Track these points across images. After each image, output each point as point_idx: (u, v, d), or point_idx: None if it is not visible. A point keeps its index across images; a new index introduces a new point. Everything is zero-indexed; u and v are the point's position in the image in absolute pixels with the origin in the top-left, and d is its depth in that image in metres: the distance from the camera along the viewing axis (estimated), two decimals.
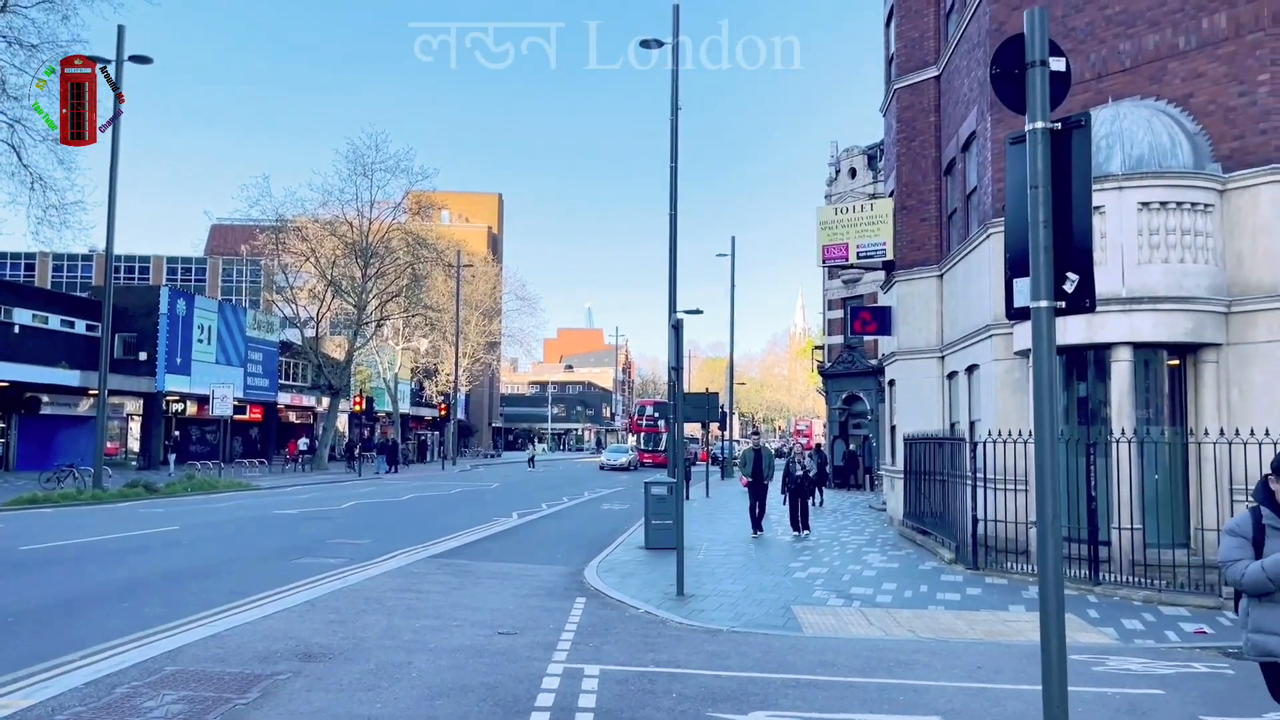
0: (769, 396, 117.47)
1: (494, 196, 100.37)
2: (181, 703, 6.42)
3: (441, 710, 6.45)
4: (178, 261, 71.72)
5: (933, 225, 20.44)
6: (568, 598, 11.41)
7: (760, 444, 20.23)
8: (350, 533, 18.17)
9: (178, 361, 43.73)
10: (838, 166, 41.35)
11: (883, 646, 9.05)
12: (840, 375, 40.10)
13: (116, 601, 10.38)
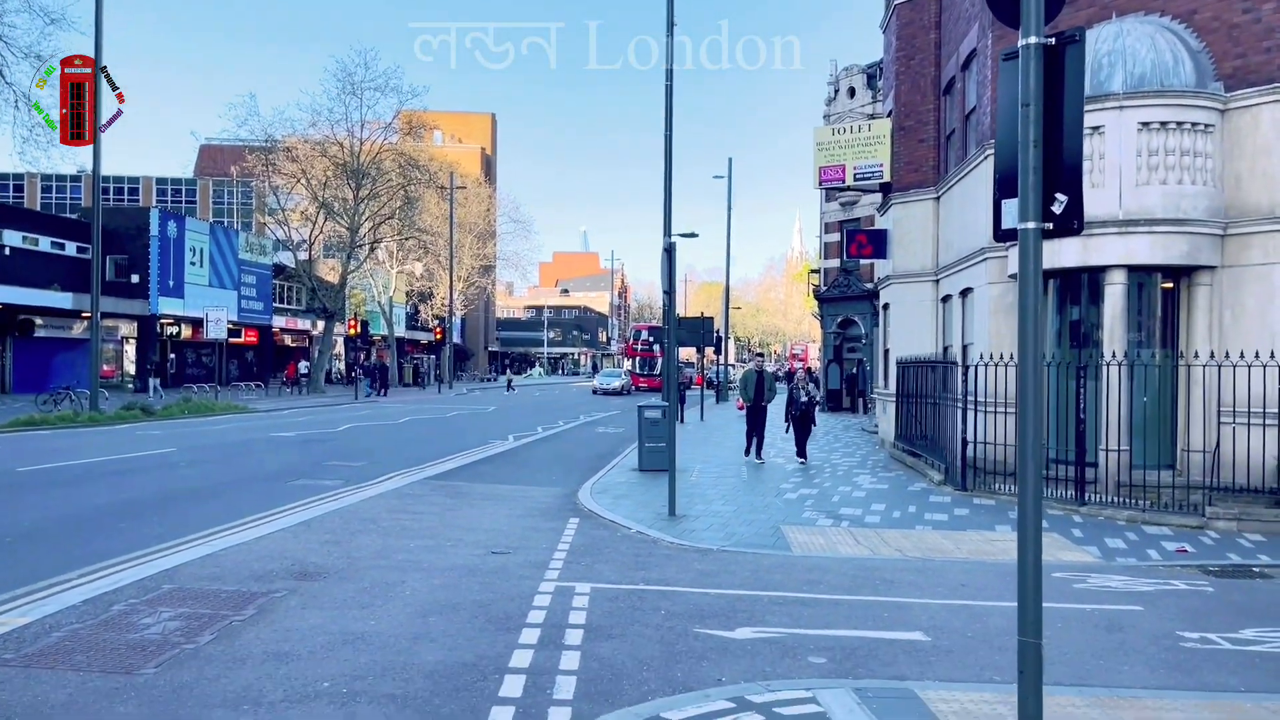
0: (765, 321, 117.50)
1: (487, 116, 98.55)
2: (178, 619, 6.54)
3: (434, 627, 6.58)
4: (167, 183, 70.71)
5: (930, 146, 20.15)
6: (561, 518, 11.57)
7: (761, 366, 19.49)
8: (346, 455, 18.33)
9: (170, 284, 43.50)
10: (836, 86, 40.56)
11: (870, 565, 9.22)
12: (836, 299, 40.03)
13: (114, 522, 10.51)
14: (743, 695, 5.27)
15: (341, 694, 5.22)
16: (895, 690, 5.46)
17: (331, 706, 5.03)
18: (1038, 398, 3.96)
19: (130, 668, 5.54)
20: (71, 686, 5.21)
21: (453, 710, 5.03)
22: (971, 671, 5.96)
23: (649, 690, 5.42)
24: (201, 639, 6.12)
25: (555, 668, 5.75)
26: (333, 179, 47.48)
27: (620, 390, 52.37)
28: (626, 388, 53.73)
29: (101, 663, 5.61)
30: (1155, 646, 6.59)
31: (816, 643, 6.44)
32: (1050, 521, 11.70)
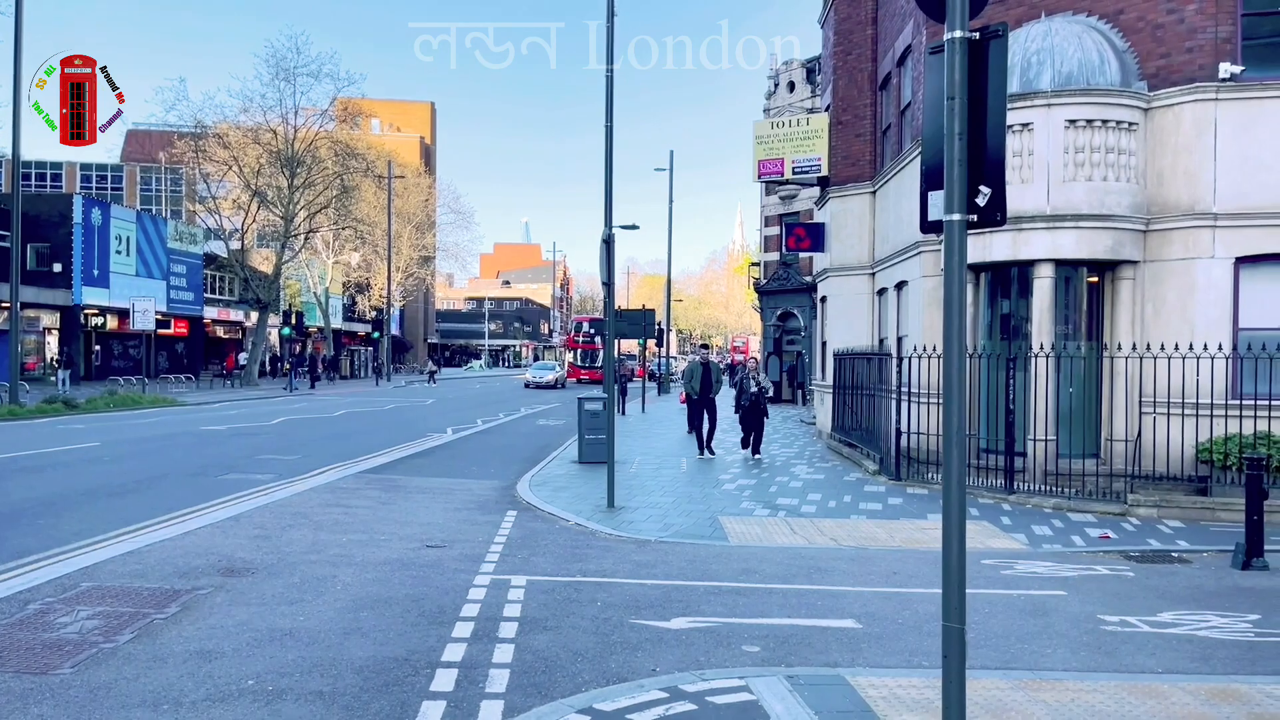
0: (707, 314, 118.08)
1: (426, 105, 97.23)
2: (97, 618, 6.33)
3: (365, 622, 6.48)
4: (92, 169, 68.29)
5: (867, 141, 20.41)
6: (499, 511, 11.48)
7: (707, 358, 18.90)
8: (279, 449, 17.95)
9: (95, 274, 42.08)
10: (777, 80, 40.87)
11: (805, 554, 9.32)
12: (776, 292, 40.40)
13: (31, 519, 10.13)
14: (676, 685, 5.28)
15: (267, 691, 5.10)
16: (826, 677, 5.52)
17: (256, 705, 4.92)
18: (961, 387, 4.02)
19: (46, 668, 5.35)
20: None
21: (382, 706, 4.96)
22: (901, 657, 6.06)
23: (583, 682, 5.40)
24: (121, 638, 5.93)
25: (488, 661, 5.70)
26: (266, 167, 46.44)
27: (554, 383, 50.85)
28: (561, 380, 52.34)
29: (15, 663, 5.41)
30: (1077, 630, 6.78)
31: (751, 632, 6.49)
32: (980, 510, 11.96)
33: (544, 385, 50.05)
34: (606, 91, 12.91)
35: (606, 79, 12.97)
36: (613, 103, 12.96)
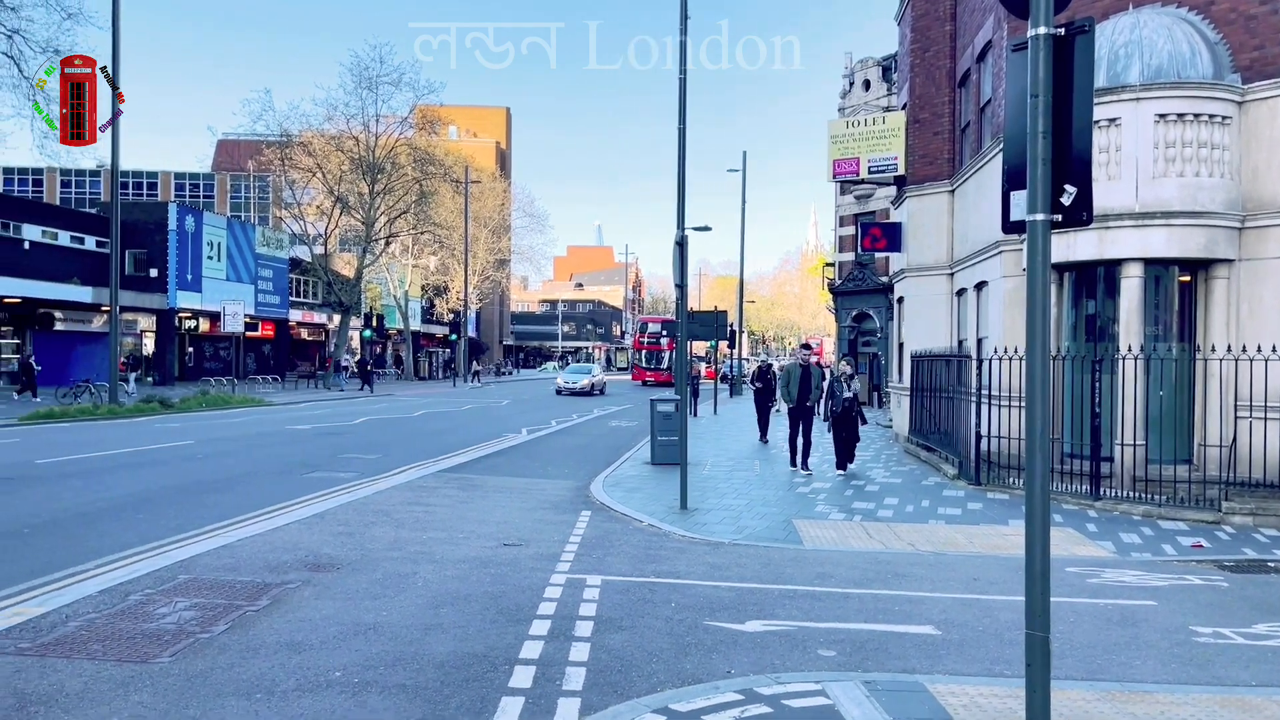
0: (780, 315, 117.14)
1: (502, 110, 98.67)
2: (194, 609, 6.61)
3: (445, 618, 6.63)
4: (185, 177, 71.21)
5: (945, 139, 20.04)
6: (573, 511, 11.60)
7: (808, 360, 16.72)
8: (361, 448, 18.43)
9: (189, 278, 43.80)
10: (852, 79, 40.38)
11: (881, 559, 9.21)
12: (851, 293, 39.91)
13: (131, 513, 10.61)
14: (751, 687, 5.28)
15: (353, 684, 5.26)
16: (905, 684, 5.45)
17: (343, 696, 5.08)
18: (1045, 390, 3.94)
19: (146, 656, 5.61)
20: (87, 675, 5.27)
21: (463, 701, 5.07)
22: (982, 665, 5.95)
23: (658, 682, 5.44)
24: (216, 628, 6.18)
25: (565, 659, 5.78)
26: (348, 173, 47.71)
27: (589, 390, 44.21)
28: (598, 386, 46.15)
29: (117, 652, 5.68)
30: (1168, 641, 6.56)
31: (827, 636, 6.44)
32: (1065, 516, 11.65)
33: (577, 392, 43.51)
34: (679, 96, 12.95)
35: (679, 84, 13.01)
36: (685, 107, 12.99)
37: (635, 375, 59.49)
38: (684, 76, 13.01)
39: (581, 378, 45.30)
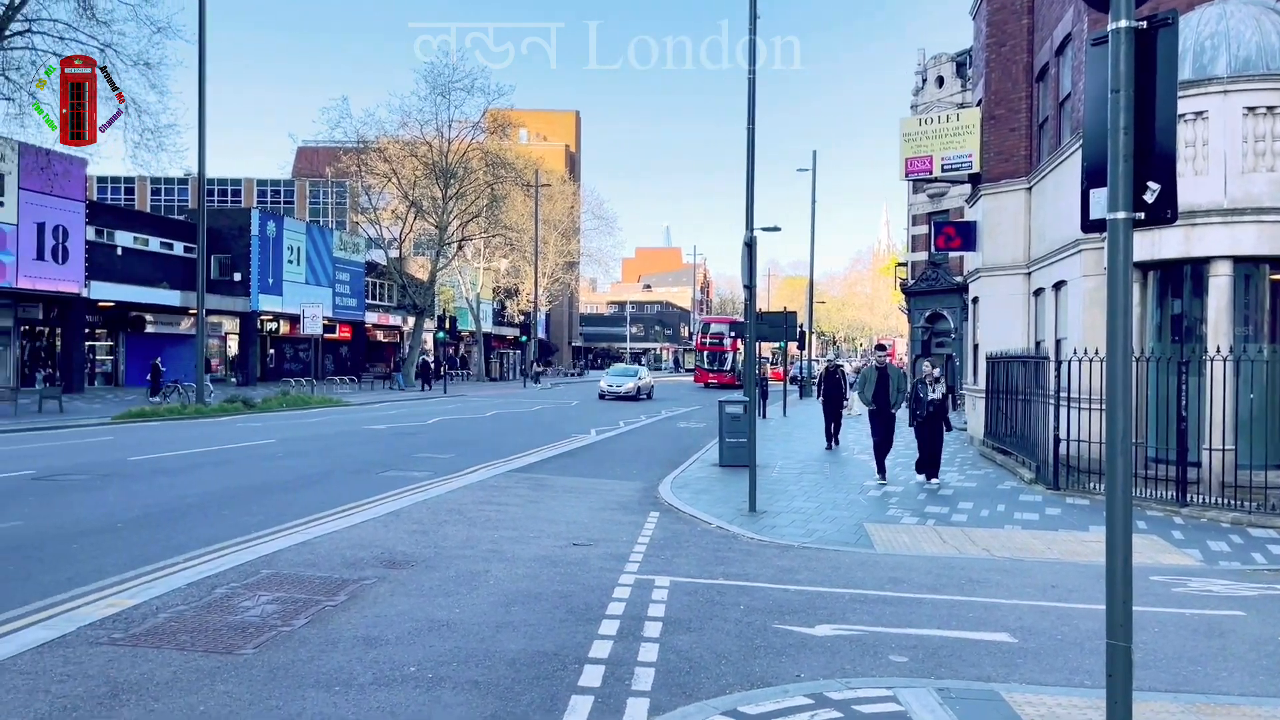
0: (850, 315, 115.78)
1: (571, 114, 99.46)
2: (276, 603, 6.82)
3: (516, 616, 6.72)
4: (267, 184, 73.41)
5: (1022, 135, 19.56)
6: (641, 512, 11.65)
7: (885, 361, 15.82)
8: (434, 447, 18.78)
9: (270, 282, 45.18)
10: (924, 75, 39.69)
11: (955, 564, 9.04)
12: (924, 293, 39.23)
13: (217, 510, 11.00)
14: (821, 692, 5.24)
15: (427, 678, 5.38)
16: (980, 691, 5.35)
17: (418, 690, 5.19)
18: (1127, 392, 3.84)
19: (231, 648, 5.81)
20: (176, 665, 5.49)
21: (533, 698, 5.14)
22: (1060, 675, 5.80)
23: (727, 684, 5.44)
24: (297, 622, 6.37)
25: (634, 659, 5.81)
26: (422, 178, 48.66)
27: (634, 394, 40.80)
28: (645, 390, 42.56)
29: (204, 643, 5.89)
30: (1257, 653, 6.31)
31: (898, 641, 6.35)
32: (1149, 523, 11.28)
33: (622, 396, 40.47)
34: (748, 96, 12.91)
35: (748, 83, 12.97)
36: (754, 106, 12.94)
37: (697, 377, 58.28)
38: (753, 76, 12.96)
39: (626, 380, 41.84)
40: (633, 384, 41.30)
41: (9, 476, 13.31)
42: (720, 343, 56.37)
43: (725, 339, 56.11)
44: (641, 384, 42.06)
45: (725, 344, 55.99)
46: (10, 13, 21.88)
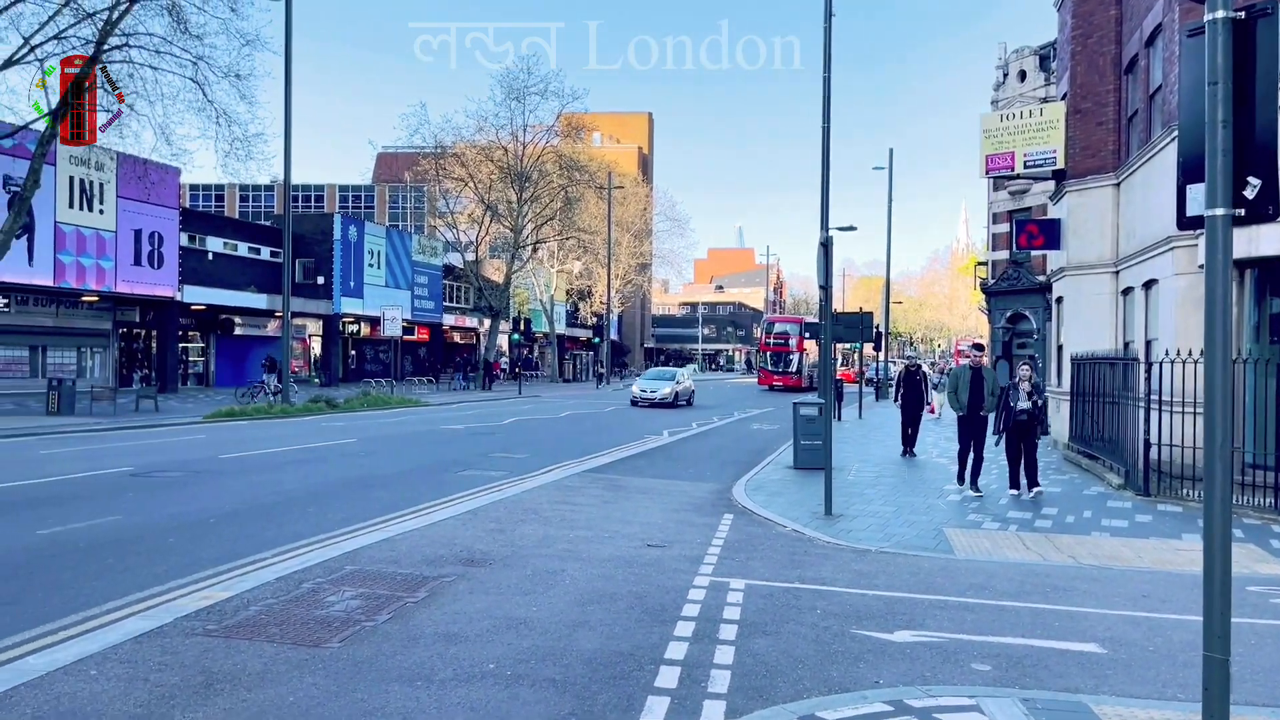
0: (928, 316, 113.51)
1: (644, 116, 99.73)
2: (359, 599, 7.01)
3: (592, 615, 6.77)
4: (348, 190, 75.40)
5: (1109, 130, 18.94)
6: (715, 514, 11.62)
7: (980, 361, 14.37)
8: (510, 447, 19.03)
9: (351, 285, 46.39)
10: (1006, 69, 38.69)
11: (1039, 571, 8.80)
12: (1005, 293, 38.22)
13: (302, 507, 11.34)
14: (901, 699, 5.16)
15: (506, 676, 5.46)
16: (1067, 703, 5.20)
17: (496, 687, 5.27)
18: (1225, 395, 3.69)
19: (317, 641, 5.98)
20: (266, 656, 5.67)
21: (610, 698, 5.17)
22: (1151, 687, 5.60)
23: (804, 689, 5.39)
24: (380, 617, 6.53)
25: (710, 661, 5.80)
26: (498, 182, 49.39)
27: (671, 400, 35.78)
28: (685, 395, 37.41)
29: (292, 636, 6.08)
30: None
31: (980, 649, 6.22)
32: (1246, 531, 10.81)
33: (656, 404, 35.42)
34: (823, 95, 12.78)
35: (823, 82, 12.84)
36: (829, 105, 12.81)
37: (761, 379, 55.80)
38: (828, 75, 12.82)
39: (662, 385, 36.51)
40: (669, 389, 36.10)
41: (110, 473, 13.94)
42: (785, 343, 54.15)
43: (791, 339, 53.92)
44: (679, 388, 37.04)
45: (791, 344, 53.90)
46: (108, 28, 22.87)
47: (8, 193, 28.36)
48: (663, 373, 39.65)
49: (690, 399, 37.70)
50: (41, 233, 30.41)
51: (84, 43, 22.95)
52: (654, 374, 39.87)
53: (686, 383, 38.11)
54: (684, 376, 38.75)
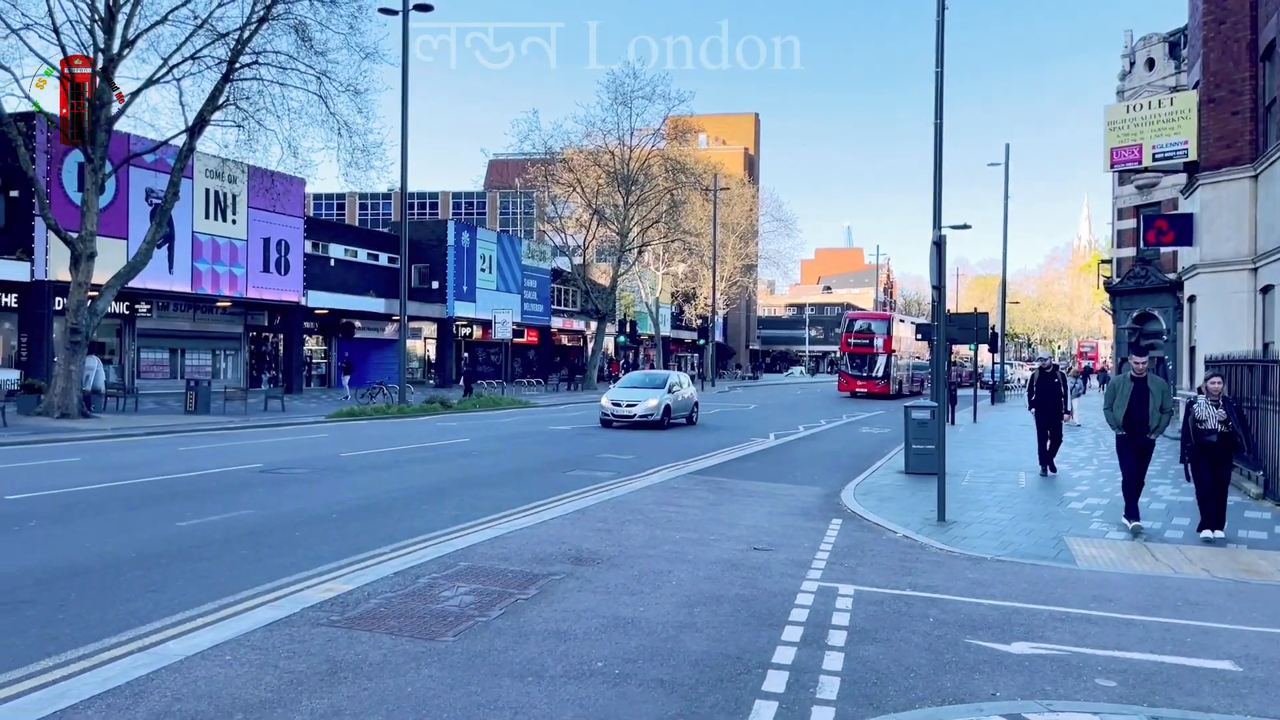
0: (1047, 316, 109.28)
1: (750, 117, 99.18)
2: (473, 594, 7.21)
3: (699, 617, 6.79)
4: (461, 196, 77.53)
5: (1246, 119, 17.86)
6: (823, 518, 11.47)
7: (1143, 369, 11.28)
8: (616, 448, 19.22)
9: (464, 289, 47.69)
10: (1132, 58, 36.90)
11: (1169, 584, 8.38)
12: (1131, 292, 36.44)
13: (419, 504, 11.74)
14: (1020, 713, 5.00)
15: (614, 674, 5.53)
16: None
17: (605, 685, 5.35)
18: None
19: (433, 634, 6.19)
20: (385, 648, 5.90)
21: (718, 700, 5.18)
22: None
23: (915, 698, 5.28)
24: (492, 613, 6.71)
25: (818, 667, 5.74)
26: (604, 186, 49.90)
27: (658, 419, 24.69)
28: (680, 410, 26.36)
29: (410, 629, 6.31)
30: None
31: (1104, 664, 5.96)
32: None
33: (637, 423, 24.56)
34: (935, 90, 12.46)
35: (935, 77, 12.52)
36: (941, 101, 12.49)
37: (841, 384, 48.03)
38: (940, 70, 12.51)
39: (645, 396, 25.00)
40: (656, 401, 24.71)
41: (241, 469, 14.72)
42: (869, 342, 47.11)
43: (876, 337, 47.19)
44: (676, 400, 25.98)
45: (875, 343, 47.07)
46: (240, 47, 24.18)
47: (150, 205, 30.30)
48: (651, 377, 27.90)
49: (693, 414, 27.29)
50: (180, 242, 32.35)
51: (218, 62, 24.33)
52: (637, 379, 28.29)
53: (686, 391, 27.35)
54: (681, 382, 27.75)
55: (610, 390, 27.83)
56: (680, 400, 26.52)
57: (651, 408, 24.67)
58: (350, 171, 26.89)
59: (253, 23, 24.19)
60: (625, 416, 24.65)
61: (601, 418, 25.14)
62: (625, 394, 25.70)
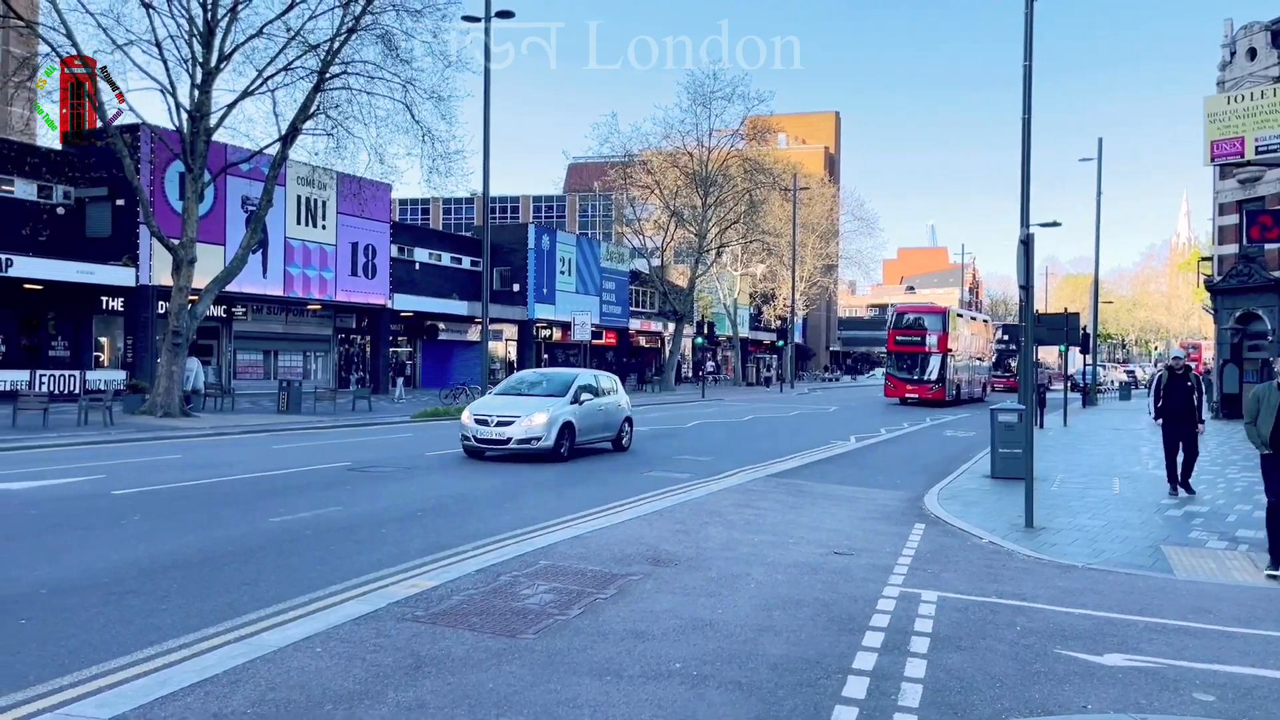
0: (1142, 316, 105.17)
1: (830, 116, 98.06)
2: (552, 593, 7.29)
3: (778, 621, 6.74)
4: (541, 200, 78.48)
5: None
6: (905, 523, 11.27)
7: None
8: (694, 449, 19.21)
9: (544, 291, 48.30)
10: (1233, 48, 35.28)
11: (1274, 596, 8.00)
12: (1233, 290, 34.83)
13: (499, 503, 11.93)
14: None
15: (692, 676, 5.53)
16: None
17: (683, 687, 5.35)
18: None
19: (514, 632, 6.28)
20: (468, 644, 6.01)
21: (796, 704, 5.13)
22: None
23: (1002, 709, 5.15)
24: (571, 612, 6.78)
25: (900, 673, 5.65)
26: (683, 188, 49.96)
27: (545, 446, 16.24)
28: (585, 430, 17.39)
29: (492, 625, 6.41)
30: None
31: (1204, 678, 5.72)
32: None
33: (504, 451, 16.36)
34: (1024, 85, 12.16)
35: (1024, 71, 12.22)
36: (1030, 96, 12.17)
37: (889, 389, 41.96)
38: (1029, 64, 12.20)
39: (525, 412, 16.55)
40: (540, 419, 16.41)
41: (330, 467, 15.18)
42: (920, 340, 40.22)
43: (928, 334, 40.49)
44: (585, 415, 17.48)
45: (927, 341, 40.34)
46: (330, 58, 24.94)
47: (245, 212, 31.50)
48: (547, 378, 18.87)
49: (622, 438, 18.84)
50: (273, 247, 33.55)
51: (309, 73, 25.15)
52: (526, 380, 19.10)
53: (606, 401, 18.60)
54: (601, 388, 18.68)
55: (476, 401, 19.48)
56: (595, 414, 17.91)
57: (538, 428, 16.29)
58: (433, 177, 27.48)
59: (342, 34, 24.93)
60: (496, 443, 16.32)
61: (463, 444, 16.88)
62: (500, 406, 17.09)
